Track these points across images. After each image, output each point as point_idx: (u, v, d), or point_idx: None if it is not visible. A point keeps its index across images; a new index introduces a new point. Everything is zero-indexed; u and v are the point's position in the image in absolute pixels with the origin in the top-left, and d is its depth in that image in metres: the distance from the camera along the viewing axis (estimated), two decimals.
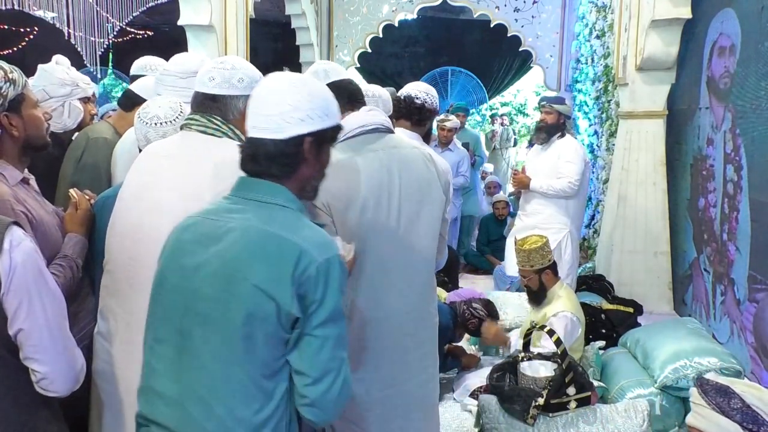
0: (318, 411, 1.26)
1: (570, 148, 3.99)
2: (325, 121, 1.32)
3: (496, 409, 2.58)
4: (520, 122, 12.65)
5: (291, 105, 1.28)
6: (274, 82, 1.32)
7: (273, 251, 1.22)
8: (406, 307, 1.75)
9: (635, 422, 2.52)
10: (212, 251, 1.25)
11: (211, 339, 1.23)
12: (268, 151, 1.29)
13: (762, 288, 3.03)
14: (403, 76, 11.09)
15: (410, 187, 1.73)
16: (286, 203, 1.30)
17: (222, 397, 1.23)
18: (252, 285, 1.21)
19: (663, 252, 4.36)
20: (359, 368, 1.72)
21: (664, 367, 2.92)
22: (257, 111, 1.30)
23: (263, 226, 1.25)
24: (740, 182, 3.30)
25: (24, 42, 10.39)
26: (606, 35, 5.45)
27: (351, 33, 7.64)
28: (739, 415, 2.33)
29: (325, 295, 1.23)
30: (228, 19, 4.41)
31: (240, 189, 1.33)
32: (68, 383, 1.38)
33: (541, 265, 3.09)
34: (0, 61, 1.69)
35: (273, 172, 1.30)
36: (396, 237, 1.70)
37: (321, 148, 1.35)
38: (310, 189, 1.38)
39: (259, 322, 1.21)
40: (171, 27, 4.75)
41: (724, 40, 3.61)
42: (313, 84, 1.34)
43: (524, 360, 2.70)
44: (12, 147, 1.71)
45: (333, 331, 1.25)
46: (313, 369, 1.24)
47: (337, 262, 1.26)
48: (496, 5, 7.29)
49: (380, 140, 1.75)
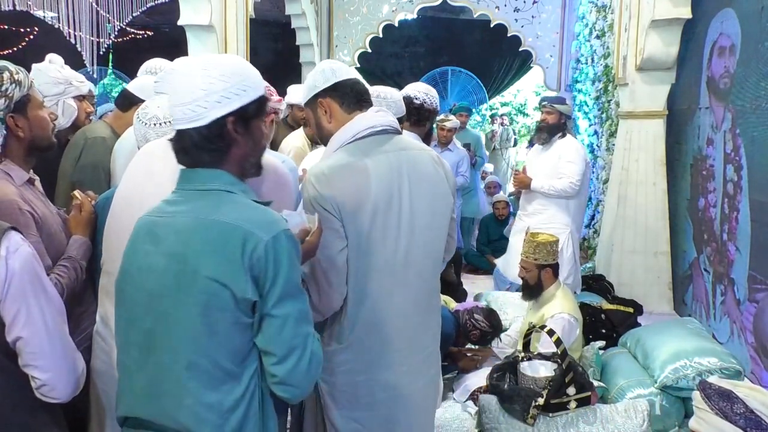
0: (289, 387, 1.27)
1: (571, 148, 3.99)
2: (243, 98, 1.29)
3: (496, 409, 2.58)
4: (520, 122, 12.65)
5: (204, 90, 1.25)
6: (182, 69, 1.30)
7: (218, 239, 1.22)
8: (412, 308, 1.74)
9: (635, 422, 2.52)
10: (162, 249, 1.25)
11: (173, 335, 1.23)
12: (194, 142, 1.28)
13: (762, 288, 3.03)
14: (403, 76, 11.08)
15: (420, 189, 1.72)
16: (226, 187, 1.29)
17: (189, 388, 1.23)
18: (204, 277, 1.21)
19: (663, 252, 4.36)
20: (364, 369, 1.72)
21: (664, 367, 2.92)
22: (173, 103, 1.29)
23: (206, 215, 1.24)
24: (740, 182, 3.29)
25: (24, 42, 10.39)
26: (606, 35, 5.45)
27: (351, 33, 7.64)
28: (742, 420, 2.32)
29: (277, 273, 1.22)
30: (228, 19, 4.41)
31: (182, 181, 1.33)
32: (69, 389, 1.38)
33: (545, 261, 3.11)
34: (6, 62, 1.70)
35: (205, 159, 1.29)
36: (405, 239, 1.69)
37: (248, 124, 1.32)
38: (250, 167, 1.36)
39: (218, 313, 1.21)
40: (171, 27, 4.75)
41: (724, 40, 3.61)
42: (223, 62, 1.30)
43: (524, 360, 2.70)
44: (18, 148, 1.72)
45: (292, 307, 1.24)
46: (277, 347, 1.24)
47: (284, 238, 1.24)
48: (496, 5, 7.29)
49: (389, 142, 1.72)
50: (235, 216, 1.24)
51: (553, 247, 3.12)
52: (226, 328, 1.22)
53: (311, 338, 1.28)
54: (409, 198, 1.69)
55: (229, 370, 1.24)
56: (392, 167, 1.68)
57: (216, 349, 1.23)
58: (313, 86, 1.75)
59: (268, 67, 10.13)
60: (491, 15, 7.31)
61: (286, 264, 1.23)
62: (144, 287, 1.27)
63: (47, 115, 1.80)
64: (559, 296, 3.10)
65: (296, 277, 1.27)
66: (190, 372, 1.23)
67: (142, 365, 1.28)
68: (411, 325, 1.75)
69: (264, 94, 1.35)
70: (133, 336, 1.29)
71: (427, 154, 1.80)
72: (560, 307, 3.03)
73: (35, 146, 1.76)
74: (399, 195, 1.67)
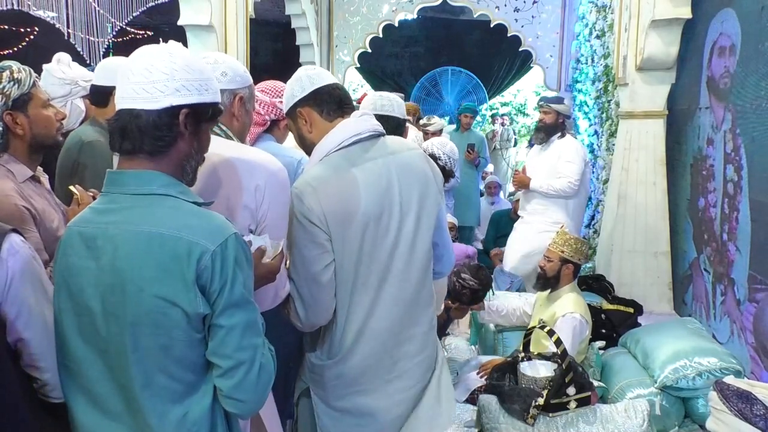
0: (236, 402, 1.20)
1: (570, 148, 3.99)
2: (204, 96, 1.22)
3: (496, 409, 2.58)
4: (520, 122, 12.65)
5: (165, 73, 1.17)
6: (146, 51, 1.21)
7: (161, 254, 1.13)
8: (400, 316, 1.72)
9: (635, 422, 2.52)
10: (99, 265, 1.16)
11: (125, 355, 1.16)
12: (139, 124, 1.17)
13: (762, 288, 3.03)
14: (403, 76, 11.10)
15: (410, 194, 1.69)
16: (162, 189, 1.19)
17: (150, 407, 1.17)
18: (151, 296, 1.13)
19: (663, 252, 4.36)
20: (355, 383, 1.71)
21: (664, 367, 2.92)
22: (126, 80, 1.19)
23: (144, 226, 1.15)
24: (740, 182, 3.29)
25: (24, 42, 10.39)
26: (606, 35, 5.45)
27: (351, 33, 7.64)
28: (762, 421, 2.30)
29: (224, 282, 1.15)
30: (228, 19, 4.41)
31: (111, 184, 1.22)
32: None
33: (570, 257, 3.13)
34: (10, 61, 1.73)
35: (146, 147, 1.19)
36: (396, 247, 1.67)
37: (199, 126, 1.24)
38: (190, 170, 1.26)
39: (168, 330, 1.15)
40: (171, 27, 4.75)
41: (724, 40, 3.61)
42: (192, 57, 1.24)
43: (524, 360, 2.71)
44: (20, 145, 1.74)
45: (239, 317, 1.17)
46: (223, 360, 1.17)
47: (231, 245, 1.16)
48: (496, 5, 7.29)
49: (375, 147, 1.68)
50: (177, 225, 1.15)
51: (582, 247, 3.16)
52: (178, 345, 1.16)
53: (260, 350, 1.21)
54: (400, 206, 1.66)
55: (190, 381, 1.19)
56: (381, 175, 1.64)
57: (172, 364, 1.17)
58: (291, 96, 1.71)
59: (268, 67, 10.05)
60: (491, 15, 7.31)
61: (232, 273, 1.16)
62: (88, 306, 1.18)
63: (52, 114, 1.81)
64: (572, 296, 3.10)
65: (244, 285, 1.19)
66: (148, 391, 1.16)
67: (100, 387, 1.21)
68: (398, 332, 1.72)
69: (218, 102, 1.29)
70: (84, 356, 1.21)
71: (416, 154, 1.77)
72: (573, 306, 3.03)
73: (37, 144, 1.78)
74: (390, 204, 1.64)
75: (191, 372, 1.19)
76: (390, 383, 1.74)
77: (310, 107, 1.69)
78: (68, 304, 1.20)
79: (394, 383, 1.74)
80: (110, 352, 1.18)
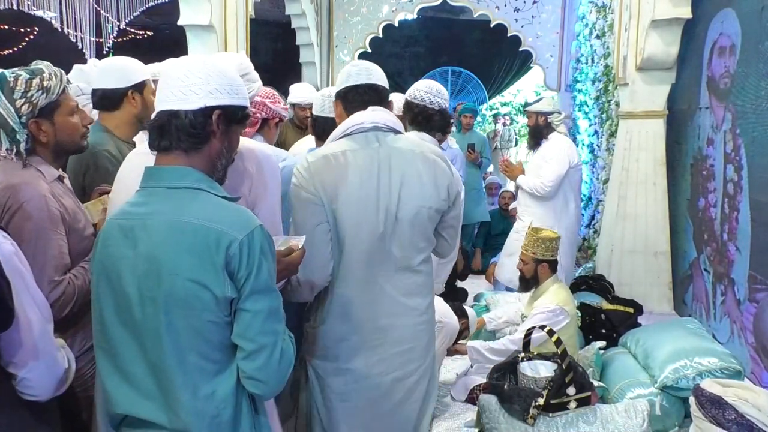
0: (258, 383, 1.28)
1: (553, 149, 4.00)
2: (234, 99, 1.34)
3: (496, 409, 2.58)
4: (520, 122, 12.64)
5: (200, 78, 1.30)
6: (184, 59, 1.36)
7: (193, 242, 1.23)
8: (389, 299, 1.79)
9: (635, 422, 2.52)
10: (136, 253, 1.26)
11: (159, 336, 1.25)
12: (177, 123, 1.29)
13: (762, 288, 3.03)
14: (403, 76, 11.08)
15: (406, 187, 1.76)
16: (195, 184, 1.30)
17: (183, 384, 1.25)
18: (184, 279, 1.22)
19: (663, 252, 4.36)
20: (337, 357, 1.79)
21: (664, 367, 2.92)
22: (165, 85, 1.32)
23: (178, 217, 1.25)
24: (740, 182, 3.30)
25: (24, 42, 10.39)
26: (606, 35, 5.45)
27: (351, 33, 7.63)
28: (735, 426, 2.36)
29: (251, 270, 1.24)
30: (228, 19, 4.41)
31: (148, 179, 1.33)
32: (50, 388, 1.38)
33: (542, 256, 3.15)
34: (43, 63, 1.73)
35: (182, 144, 1.31)
36: (382, 232, 1.75)
37: (229, 126, 1.36)
38: (221, 167, 1.38)
39: (199, 312, 1.24)
40: (171, 27, 4.75)
41: (724, 40, 3.61)
42: (223, 64, 1.36)
43: (524, 360, 2.70)
44: (43, 150, 1.76)
45: (264, 303, 1.26)
46: (247, 342, 1.26)
47: (257, 235, 1.26)
48: (496, 5, 7.29)
49: (382, 138, 1.80)
50: (208, 216, 1.25)
51: (552, 244, 3.16)
52: (208, 326, 1.25)
53: (281, 336, 1.30)
54: (389, 190, 1.75)
55: (219, 359, 1.27)
56: (373, 160, 1.76)
57: (202, 344, 1.26)
58: (337, 86, 1.92)
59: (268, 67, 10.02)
60: (491, 15, 7.31)
61: (258, 260, 1.25)
62: (125, 291, 1.27)
63: (78, 120, 1.81)
64: (552, 290, 3.13)
65: (269, 273, 1.28)
66: (181, 369, 1.25)
67: (134, 366, 1.29)
68: (381, 317, 1.79)
69: (248, 108, 1.40)
70: (120, 338, 1.29)
71: (418, 154, 1.82)
72: (549, 299, 3.07)
73: (61, 150, 1.80)
74: (378, 186, 1.74)
75: (220, 352, 1.27)
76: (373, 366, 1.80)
77: (339, 101, 1.90)
78: (107, 290, 1.30)
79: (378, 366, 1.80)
80: (145, 333, 1.26)
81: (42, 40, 9.97)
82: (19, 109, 1.66)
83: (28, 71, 1.68)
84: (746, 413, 2.36)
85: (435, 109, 2.57)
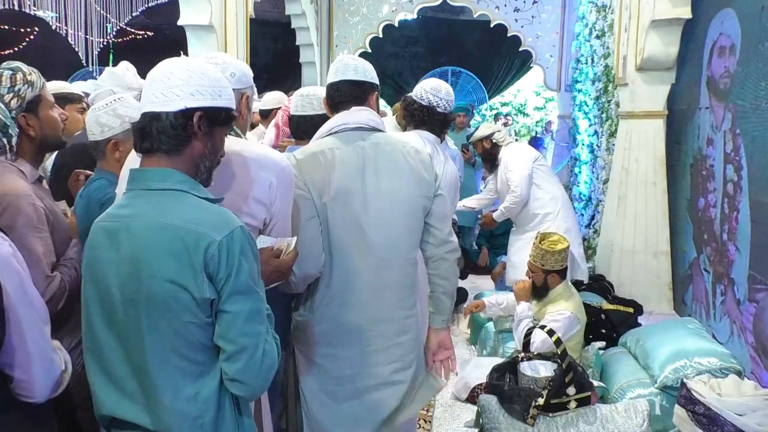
0: (240, 385, 1.28)
1: (510, 158, 4.13)
2: (217, 101, 1.34)
3: (496, 409, 2.58)
4: (520, 122, 12.65)
5: (181, 80, 1.30)
6: (168, 62, 1.36)
7: (172, 243, 1.23)
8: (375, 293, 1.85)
9: (635, 422, 2.52)
10: (120, 255, 1.27)
11: (141, 338, 1.26)
12: (158, 125, 1.30)
13: (762, 288, 3.03)
14: (403, 77, 11.09)
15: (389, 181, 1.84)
16: (177, 185, 1.30)
17: (165, 386, 1.26)
18: (164, 281, 1.23)
19: (663, 252, 4.36)
20: (332, 342, 1.85)
21: (664, 367, 2.92)
22: (149, 87, 1.32)
23: (158, 218, 1.26)
24: (740, 182, 3.29)
25: (24, 42, 10.39)
26: (606, 35, 5.44)
27: (351, 33, 7.64)
28: (705, 419, 2.43)
29: (230, 271, 1.24)
30: (228, 19, 4.41)
31: (133, 181, 1.34)
32: (46, 390, 1.37)
33: (552, 267, 3.11)
34: (19, 63, 1.76)
35: (164, 146, 1.31)
36: (369, 225, 1.82)
37: (212, 128, 1.35)
38: (204, 170, 1.37)
39: (179, 313, 1.24)
40: (171, 27, 4.75)
41: (724, 40, 3.61)
42: (207, 67, 1.36)
43: (524, 360, 2.71)
44: (29, 146, 1.79)
45: (244, 305, 1.26)
46: (227, 344, 1.26)
47: (236, 236, 1.26)
48: (496, 5, 7.29)
49: (366, 137, 1.87)
50: (188, 218, 1.26)
51: (561, 254, 3.12)
52: (189, 328, 1.25)
53: (263, 337, 1.29)
54: (375, 185, 1.83)
55: (201, 361, 1.28)
56: (358, 156, 1.84)
57: (183, 346, 1.26)
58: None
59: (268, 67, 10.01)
60: (491, 15, 7.31)
61: (238, 261, 1.25)
62: (110, 293, 1.28)
63: (58, 115, 1.86)
64: (564, 296, 3.11)
65: (249, 274, 1.28)
66: (162, 370, 1.26)
67: (119, 368, 1.30)
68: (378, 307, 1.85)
69: (233, 110, 1.40)
70: (105, 340, 1.31)
71: (401, 150, 1.91)
72: (563, 305, 3.05)
73: (46, 145, 1.84)
74: (363, 181, 1.82)
75: (202, 354, 1.28)
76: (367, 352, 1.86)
77: (325, 98, 1.98)
78: (94, 293, 1.31)
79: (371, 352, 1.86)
80: (128, 336, 1.27)
81: (42, 40, 9.96)
82: (8, 103, 1.69)
83: (8, 68, 1.72)
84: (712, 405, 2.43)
85: (441, 111, 2.61)
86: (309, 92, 2.43)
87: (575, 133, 6.74)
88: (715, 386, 2.65)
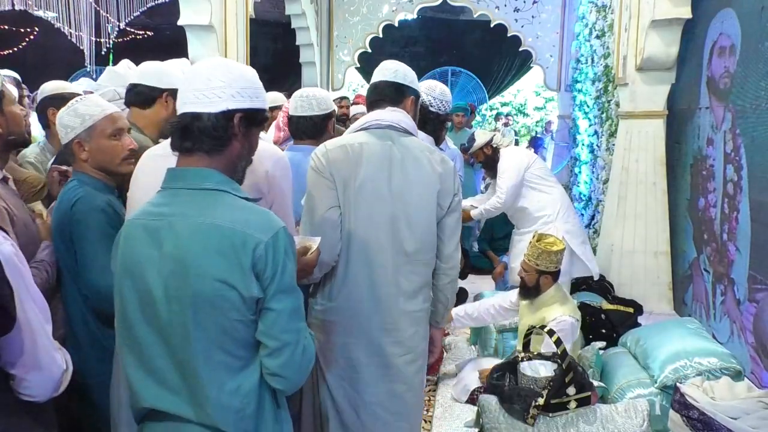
0: (281, 379, 1.33)
1: (504, 164, 4.05)
2: (254, 102, 1.37)
3: (496, 409, 2.58)
4: (520, 122, 12.66)
5: (223, 81, 1.32)
6: (206, 63, 1.38)
7: (220, 243, 1.26)
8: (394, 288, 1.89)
9: (635, 422, 2.52)
10: (162, 253, 1.29)
11: (186, 334, 1.28)
12: (200, 125, 1.31)
13: (762, 288, 3.03)
14: None
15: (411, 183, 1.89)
16: (217, 186, 1.32)
17: (210, 380, 1.28)
18: (212, 279, 1.25)
19: (663, 252, 4.36)
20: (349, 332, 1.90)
21: (664, 367, 2.92)
22: (188, 87, 1.34)
23: (203, 218, 1.28)
24: (740, 182, 3.30)
25: (25, 42, 10.39)
26: (606, 35, 5.45)
27: (351, 33, 7.64)
28: (700, 424, 2.43)
29: (276, 270, 1.28)
30: (228, 19, 4.41)
31: (170, 180, 1.36)
32: (48, 389, 1.37)
33: (546, 268, 3.07)
34: None
35: (204, 146, 1.33)
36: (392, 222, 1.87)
37: (250, 129, 1.38)
38: (240, 169, 1.40)
39: (226, 311, 1.27)
40: (171, 27, 4.75)
41: (724, 40, 3.61)
42: (244, 68, 1.39)
43: (524, 360, 2.70)
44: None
45: (287, 302, 1.30)
46: (271, 340, 1.30)
47: (281, 237, 1.29)
48: (496, 5, 7.29)
49: (395, 138, 1.92)
50: (233, 218, 1.28)
51: (556, 257, 3.07)
52: (235, 325, 1.28)
53: (303, 333, 1.34)
54: (400, 184, 1.87)
55: (243, 356, 1.31)
56: (384, 153, 1.89)
57: (228, 342, 1.29)
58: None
59: (268, 67, 10.02)
60: (491, 15, 7.31)
61: (283, 261, 1.29)
62: (150, 290, 1.30)
63: (19, 111, 1.81)
64: (558, 299, 3.07)
65: (292, 273, 1.32)
66: (208, 365, 1.28)
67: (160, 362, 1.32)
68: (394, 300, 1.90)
69: (266, 111, 1.43)
70: (145, 336, 1.32)
71: (428, 156, 1.94)
72: (561, 310, 3.01)
73: (11, 142, 1.79)
74: (389, 179, 1.87)
75: (244, 349, 1.31)
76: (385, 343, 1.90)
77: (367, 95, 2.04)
78: (131, 289, 1.33)
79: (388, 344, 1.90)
80: (171, 331, 1.29)
81: (42, 40, 9.97)
82: None
83: None
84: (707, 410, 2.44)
85: (434, 112, 2.62)
86: (307, 93, 2.46)
87: (575, 133, 6.75)
88: (708, 389, 2.66)
